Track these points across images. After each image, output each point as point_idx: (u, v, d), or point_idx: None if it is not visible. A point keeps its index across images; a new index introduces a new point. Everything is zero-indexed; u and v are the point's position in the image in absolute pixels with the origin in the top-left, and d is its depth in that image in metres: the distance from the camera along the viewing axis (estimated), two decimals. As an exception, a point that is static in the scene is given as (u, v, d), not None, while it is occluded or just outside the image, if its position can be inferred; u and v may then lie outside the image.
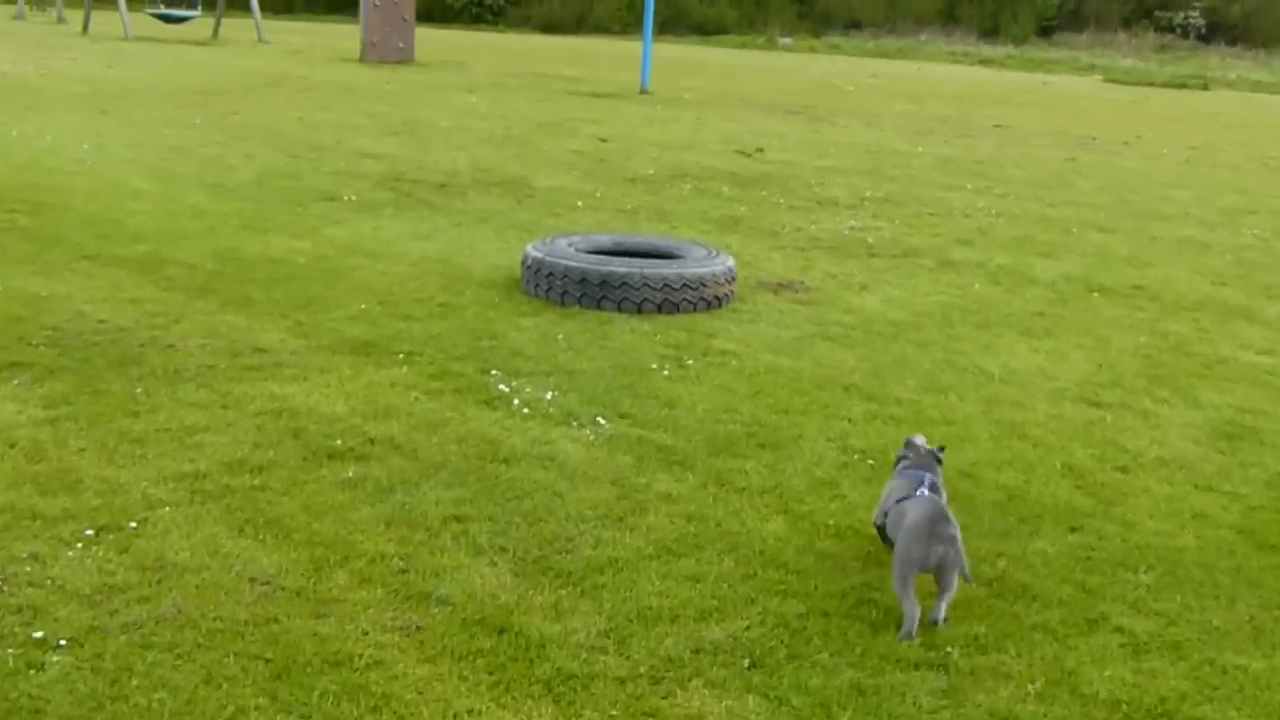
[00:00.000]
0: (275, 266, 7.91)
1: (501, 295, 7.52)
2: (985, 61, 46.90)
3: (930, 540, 3.74)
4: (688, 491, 4.81)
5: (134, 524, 4.27)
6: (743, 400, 5.87)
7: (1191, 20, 50.33)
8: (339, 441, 5.06)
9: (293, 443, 5.03)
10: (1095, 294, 8.60)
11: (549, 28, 51.96)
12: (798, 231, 10.22)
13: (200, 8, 34.11)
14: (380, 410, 5.43)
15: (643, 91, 23.26)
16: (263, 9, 35.05)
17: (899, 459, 4.34)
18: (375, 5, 27.33)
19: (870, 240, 10.00)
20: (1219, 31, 50.75)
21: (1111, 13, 51.69)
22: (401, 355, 6.20)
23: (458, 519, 4.45)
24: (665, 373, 6.19)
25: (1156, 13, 50.74)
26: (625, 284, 7.17)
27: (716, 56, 39.57)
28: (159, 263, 7.83)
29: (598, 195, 11.52)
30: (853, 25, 53.66)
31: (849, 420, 5.71)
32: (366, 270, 7.98)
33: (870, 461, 5.21)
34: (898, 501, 4.06)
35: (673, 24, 49.64)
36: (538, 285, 7.41)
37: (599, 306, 7.22)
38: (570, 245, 7.75)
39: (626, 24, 52.31)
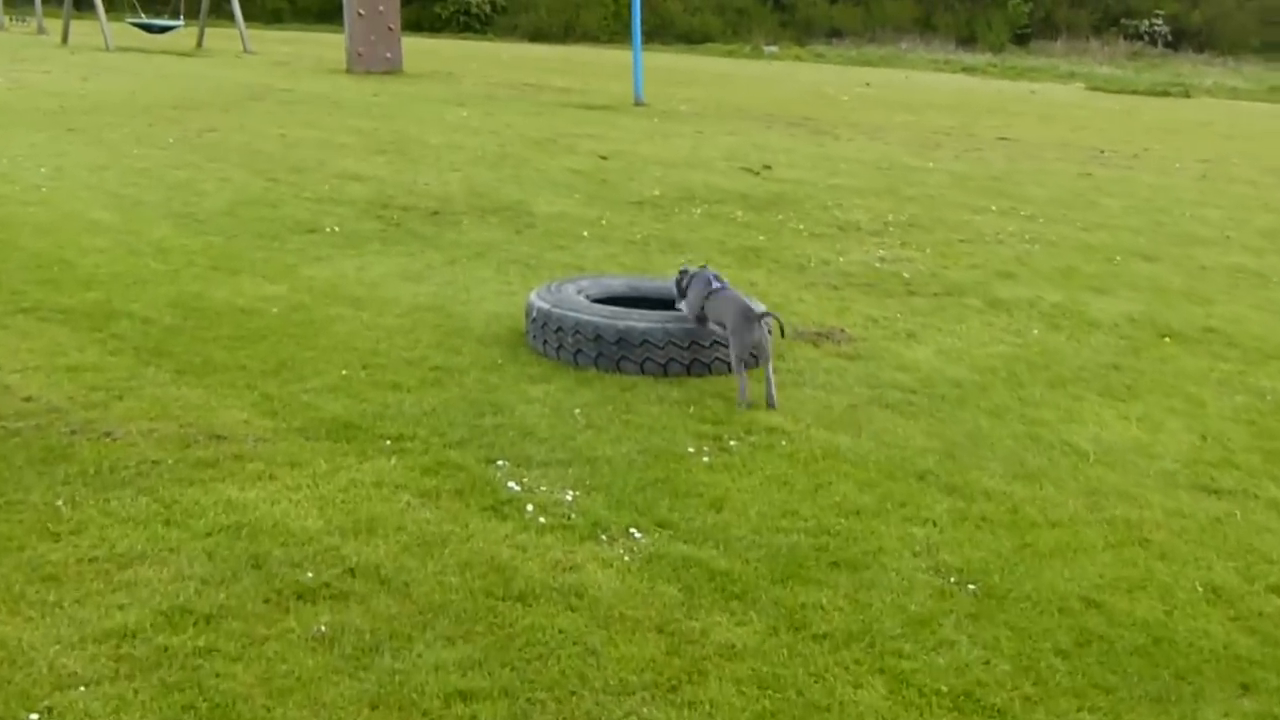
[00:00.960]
0: (244, 319, 6.73)
1: (505, 353, 6.36)
2: (968, 69, 46.00)
3: (755, 326, 5.69)
4: (754, 641, 3.67)
5: (34, 717, 3.11)
6: (803, 498, 4.72)
7: (1157, 27, 49.74)
8: (310, 573, 3.90)
9: (252, 576, 3.87)
10: (1166, 339, 7.49)
11: (537, 36, 50.76)
12: (825, 265, 9.08)
13: (184, 17, 32.79)
14: (363, 524, 4.27)
15: (638, 103, 22.10)
16: (250, 19, 33.82)
17: (679, 280, 6.16)
18: (360, 14, 26.10)
19: (906, 275, 8.86)
20: (1184, 38, 50.24)
21: (1081, 20, 51.07)
22: (389, 441, 5.04)
23: (463, 696, 3.31)
24: (705, 459, 5.05)
25: (1123, 20, 50.10)
26: (648, 342, 6.02)
27: (706, 65, 38.43)
28: (108, 316, 6.64)
29: (603, 223, 10.36)
30: (834, 34, 52.70)
31: (933, 524, 4.57)
32: (349, 322, 6.81)
33: (972, 587, 4.07)
34: (707, 296, 5.92)
35: (659, 33, 48.54)
36: (545, 342, 6.25)
37: (618, 368, 6.07)
38: (580, 292, 6.60)
39: (614, 33, 51.18)
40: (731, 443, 5.24)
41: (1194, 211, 12.93)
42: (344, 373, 5.88)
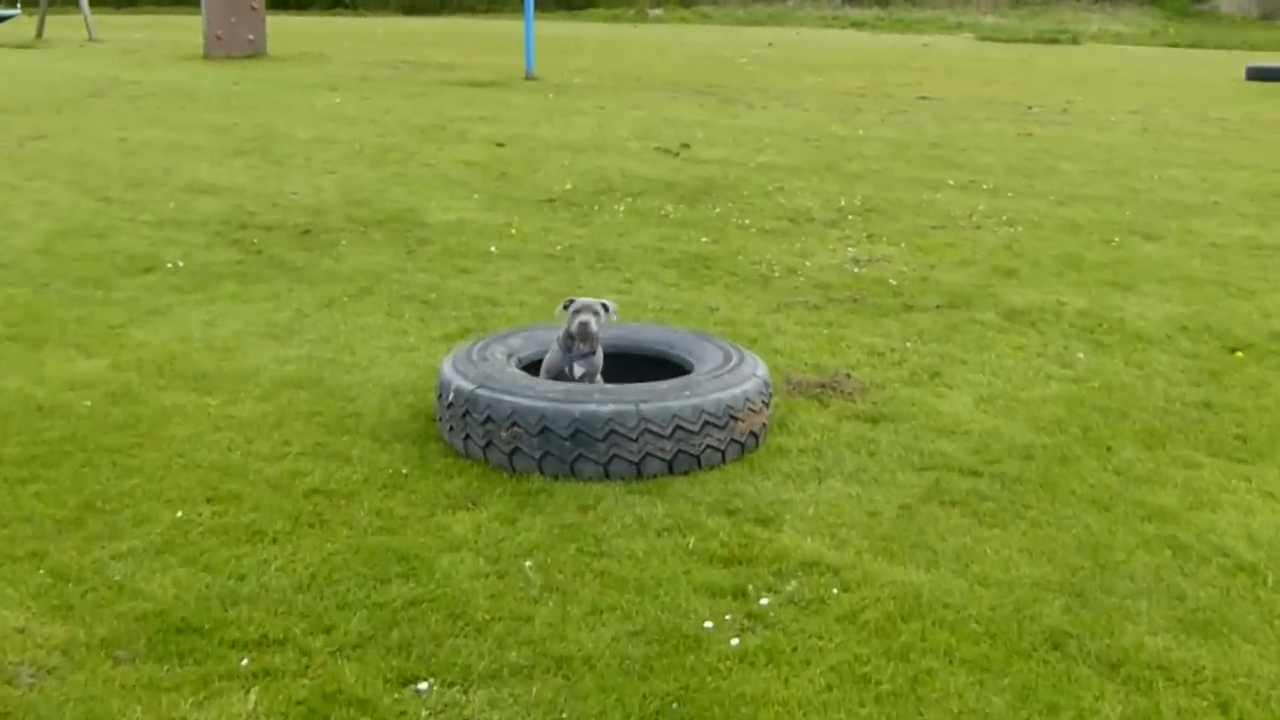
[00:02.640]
0: (41, 425, 4.77)
1: (410, 454, 4.51)
2: (857, 24, 44.85)
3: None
4: None
5: None
6: (900, 708, 2.99)
7: (1041, -26, 49.21)
8: None
9: None
10: (1239, 354, 5.93)
11: (411, 9, 48.07)
12: (793, 275, 7.35)
13: (21, 6, 29.73)
14: None
15: (529, 77, 20.11)
16: (99, 4, 30.88)
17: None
18: (218, -6, 23.58)
19: (892, 281, 7.18)
20: (1067, -17, 49.79)
21: (966, -30, 50.18)
22: (246, 655, 3.18)
23: None
24: (734, 639, 3.28)
25: (1008, -32, 49.46)
26: (615, 432, 4.21)
27: (591, 32, 36.39)
28: None
29: (512, 231, 8.49)
30: (720, -7, 50.96)
31: (1108, 742, 2.88)
32: (190, 417, 4.88)
33: None
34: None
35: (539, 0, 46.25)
36: (468, 437, 4.41)
37: (572, 472, 4.26)
38: (511, 356, 4.77)
39: (492, 1, 48.76)
40: (762, 600, 3.49)
41: (1160, 173, 11.50)
42: (179, 514, 3.99)
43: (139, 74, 20.22)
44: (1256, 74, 23.08)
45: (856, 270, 7.43)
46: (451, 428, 4.47)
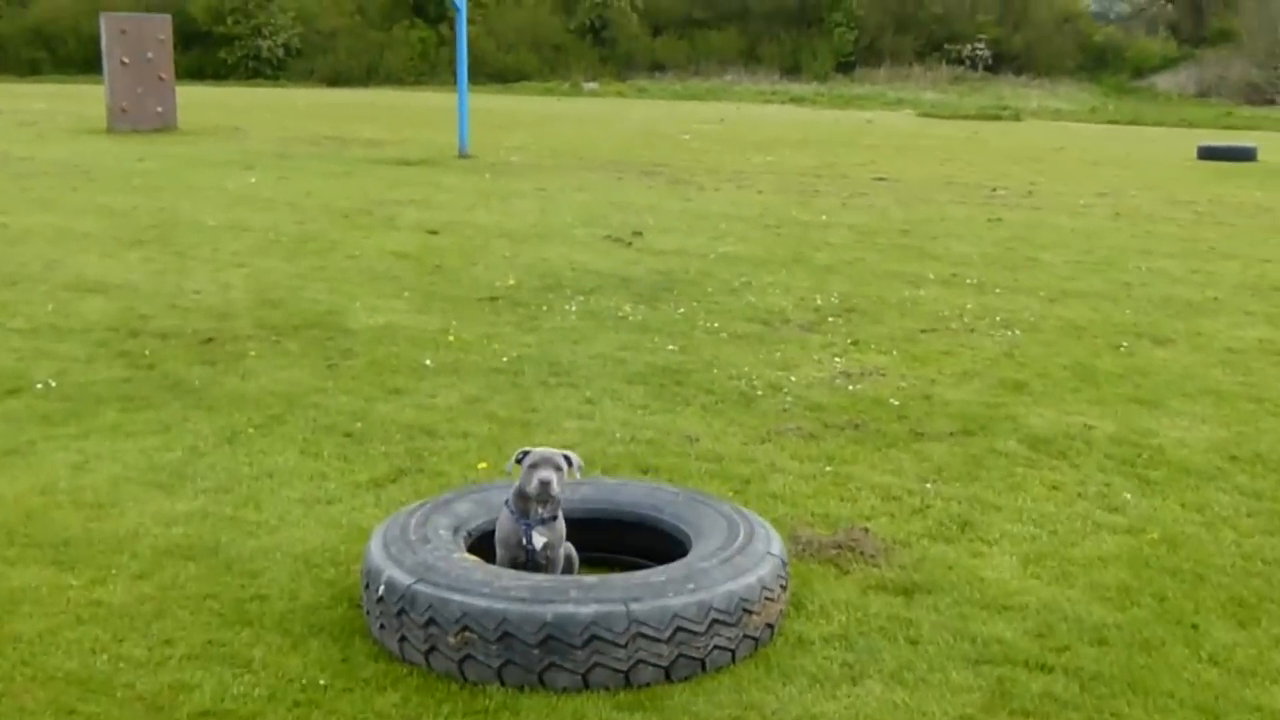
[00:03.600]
0: None
1: (329, 658, 3.61)
2: (796, 100, 45.07)
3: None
4: None
5: None
6: None
7: (979, 52, 50.07)
8: None
9: None
10: (1308, 493, 5.22)
11: (336, 80, 47.43)
12: (778, 392, 6.56)
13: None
14: None
15: (462, 155, 19.39)
16: (2, 72, 29.71)
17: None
18: (124, 63, 22.68)
19: (892, 400, 6.42)
20: (1004, 61, 50.69)
21: (905, 47, 50.99)
22: None
23: None
24: None
25: (946, 45, 50.22)
26: (598, 637, 3.35)
27: (525, 106, 35.94)
28: None
29: (450, 339, 7.64)
30: (657, 67, 51.02)
31: None
32: (45, 604, 3.94)
33: None
34: None
35: (470, 72, 45.87)
36: (404, 639, 3.51)
37: (541, 682, 3.38)
38: (459, 529, 3.90)
39: (421, 74, 48.37)
40: None
41: (1147, 264, 10.98)
42: (13, 767, 3.04)
43: (32, 149, 19.17)
44: (1208, 153, 23.12)
45: (850, 387, 6.67)
46: (383, 625, 3.58)
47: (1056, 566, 4.35)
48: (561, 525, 3.85)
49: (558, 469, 3.77)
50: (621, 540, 4.16)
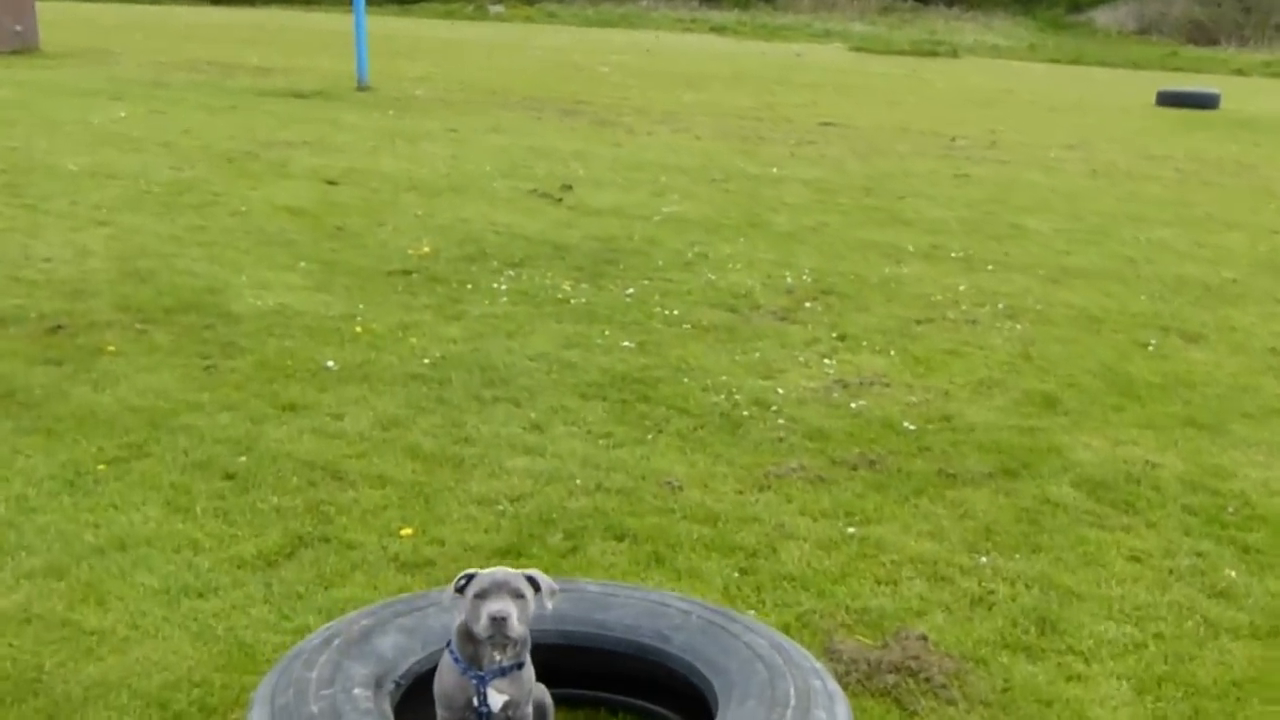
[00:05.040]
0: None
1: None
2: (718, 29, 43.88)
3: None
4: None
5: None
6: None
7: (910, -20, 49.31)
8: None
9: None
10: None
11: (219, -2, 45.03)
12: (765, 410, 5.54)
13: None
14: None
15: (361, 87, 17.96)
16: None
17: None
18: (-24, -25, 20.76)
19: (907, 424, 5.44)
20: (935, -10, 49.97)
21: (830, -28, 49.81)
22: None
23: None
24: None
25: (875, -28, 49.34)
26: None
27: (428, 31, 34.27)
28: None
29: (358, 330, 6.50)
30: (568, -11, 49.36)
31: None
32: None
33: None
34: None
35: (367, -9, 43.86)
36: None
37: None
38: (383, 683, 2.82)
39: (314, -8, 46.13)
40: None
41: (1144, 235, 10.17)
42: None
43: None
44: (1168, 100, 22.57)
45: (851, 404, 5.67)
46: (276, 847, 2.50)
47: (1182, 698, 3.41)
48: (529, 673, 2.80)
49: (518, 597, 2.70)
50: (610, 669, 3.12)
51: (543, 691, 2.92)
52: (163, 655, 3.35)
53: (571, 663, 3.08)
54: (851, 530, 4.34)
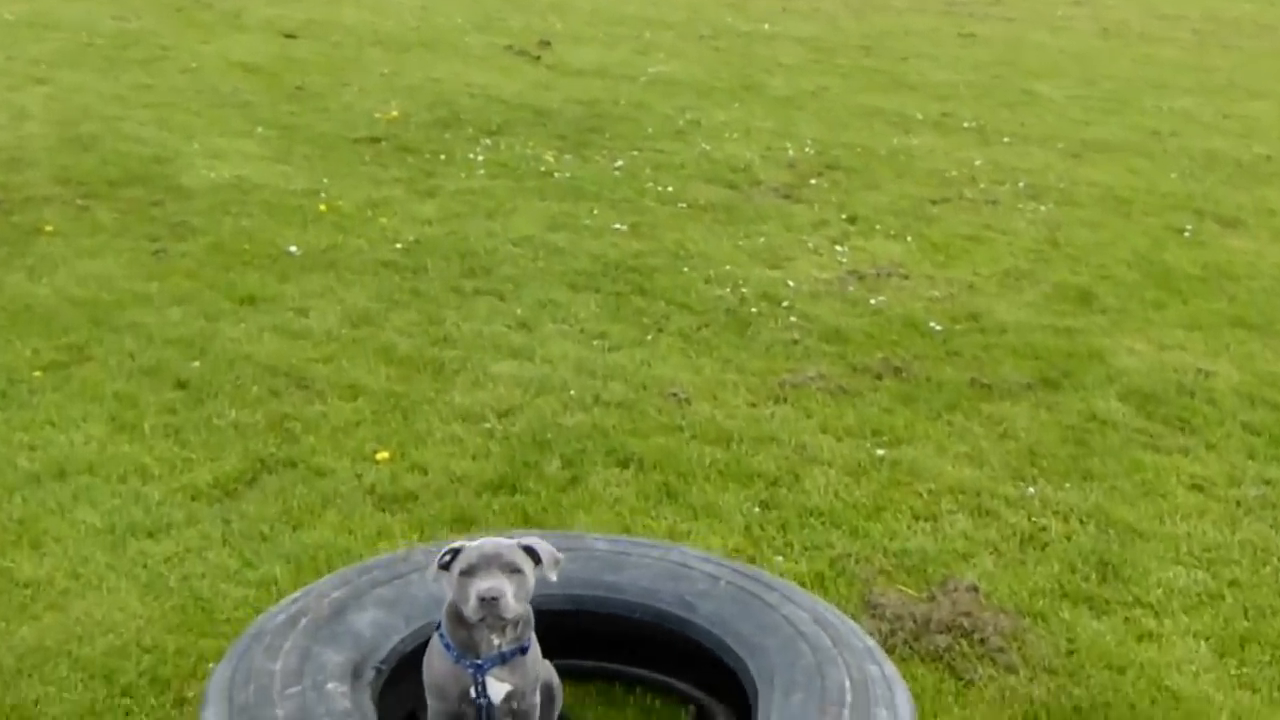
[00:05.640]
0: None
1: None
2: None
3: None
4: None
5: None
6: None
7: None
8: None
9: None
10: None
11: None
12: (775, 305, 5.11)
13: None
14: None
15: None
16: None
17: None
18: None
19: (932, 323, 5.03)
20: None
21: None
22: None
23: None
24: None
25: None
26: None
27: None
28: None
29: (322, 208, 6.00)
30: None
31: None
32: None
33: None
34: None
35: None
36: None
37: None
38: (365, 671, 2.43)
39: None
40: None
41: (1166, 104, 9.67)
42: None
43: None
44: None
45: (870, 299, 5.25)
46: None
47: (1269, 662, 3.07)
48: (534, 656, 2.41)
49: (513, 572, 2.29)
50: (624, 638, 2.75)
51: (550, 672, 2.54)
52: (107, 612, 2.95)
53: (579, 631, 2.70)
54: (881, 452, 3.96)
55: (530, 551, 2.32)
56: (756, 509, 3.57)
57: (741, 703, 2.52)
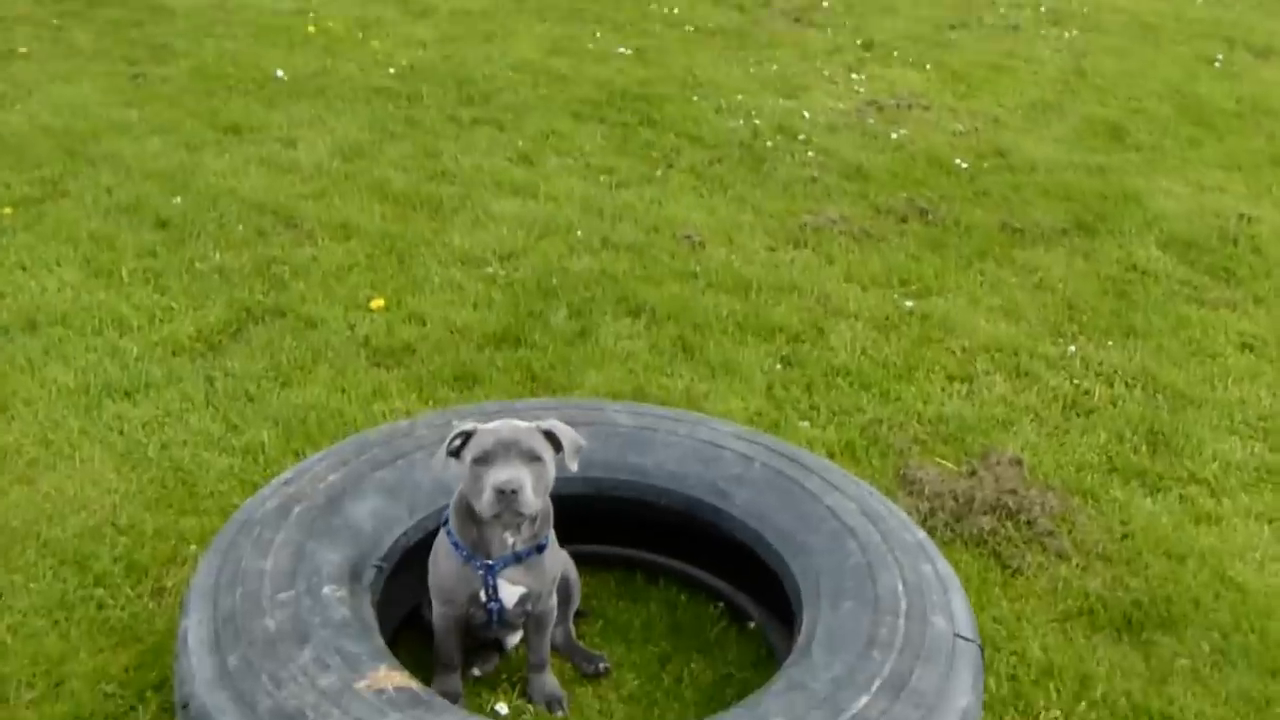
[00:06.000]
0: None
1: None
2: None
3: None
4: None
5: None
6: None
7: None
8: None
9: None
10: None
11: None
12: (791, 139, 4.69)
13: None
14: None
15: None
16: None
17: None
18: None
19: (957, 160, 4.62)
20: None
21: None
22: None
23: None
24: None
25: None
26: None
27: None
28: None
29: (310, 27, 5.50)
30: None
31: None
32: None
33: None
34: None
35: None
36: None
37: None
38: (364, 573, 2.10)
39: None
40: None
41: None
42: None
43: None
44: None
45: (891, 134, 4.83)
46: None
47: (1338, 545, 2.78)
48: (551, 554, 2.10)
49: (532, 460, 1.95)
50: (650, 525, 2.43)
51: (568, 565, 2.23)
52: (80, 486, 2.62)
53: (598, 516, 2.38)
54: (910, 304, 3.60)
55: (550, 436, 1.98)
56: (779, 366, 3.23)
57: (780, 601, 2.22)
